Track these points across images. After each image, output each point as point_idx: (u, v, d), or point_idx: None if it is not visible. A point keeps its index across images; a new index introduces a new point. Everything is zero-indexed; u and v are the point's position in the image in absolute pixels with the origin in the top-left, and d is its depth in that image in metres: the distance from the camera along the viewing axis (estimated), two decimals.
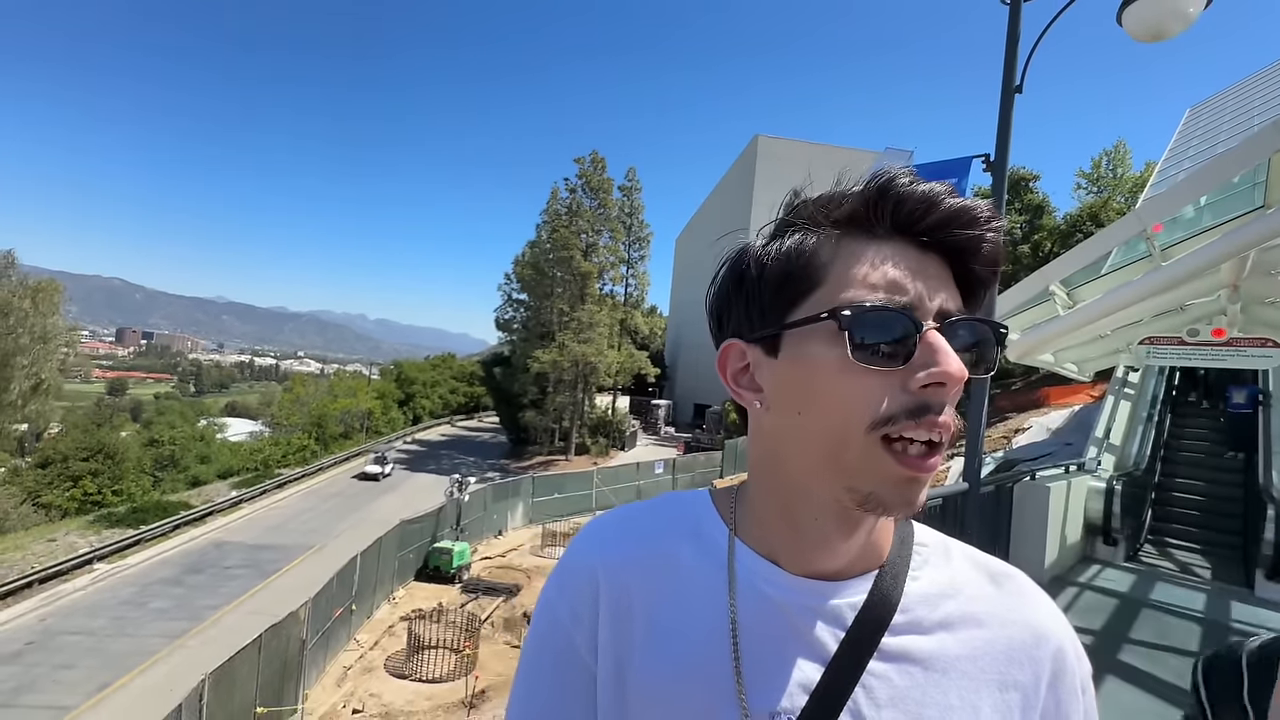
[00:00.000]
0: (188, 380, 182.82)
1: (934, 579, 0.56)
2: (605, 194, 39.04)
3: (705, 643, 0.54)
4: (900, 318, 0.47)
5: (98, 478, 27.39)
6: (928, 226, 0.49)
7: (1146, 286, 4.17)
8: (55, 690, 12.51)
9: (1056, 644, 0.55)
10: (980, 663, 0.53)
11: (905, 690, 0.51)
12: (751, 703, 0.51)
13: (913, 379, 0.47)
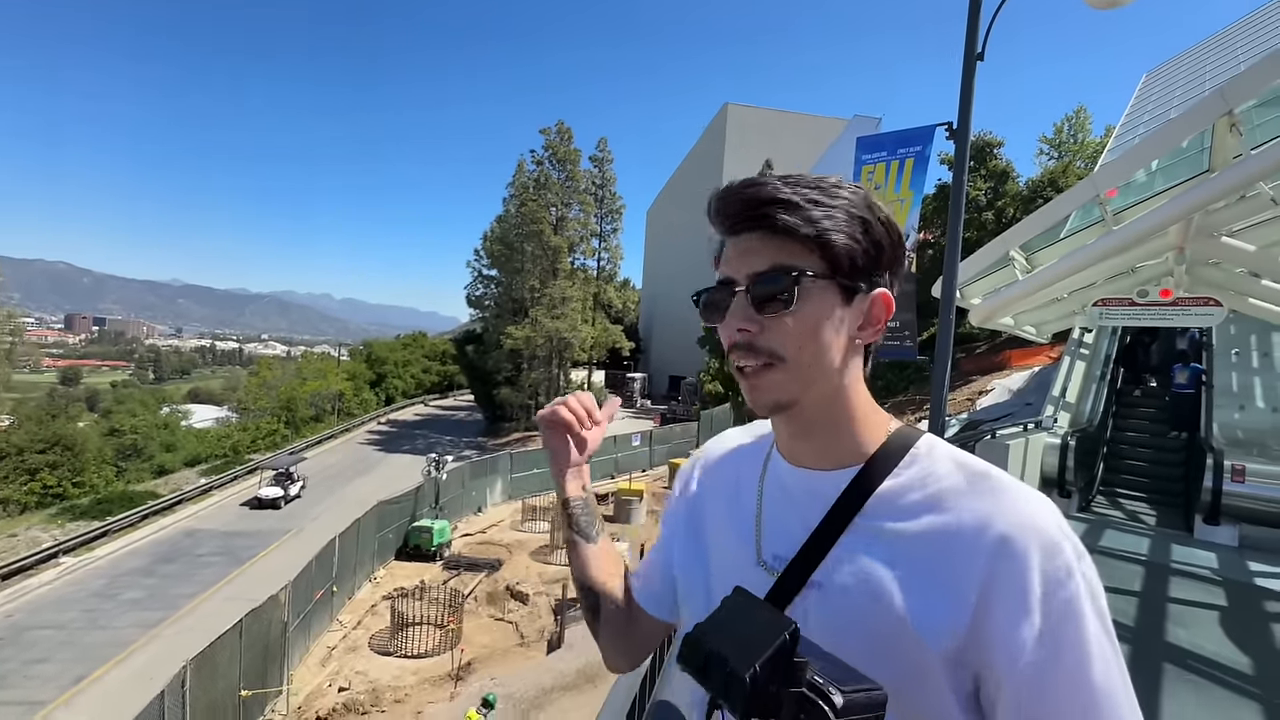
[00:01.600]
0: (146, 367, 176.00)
1: (911, 476, 0.71)
2: (573, 165, 38.37)
3: (745, 508, 0.82)
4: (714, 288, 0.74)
5: (56, 470, 26.46)
6: (722, 220, 0.74)
7: (1100, 250, 4.34)
8: (28, 685, 12.30)
9: (1001, 532, 0.62)
10: (929, 544, 0.66)
11: (863, 560, 0.69)
12: (763, 547, 0.78)
13: (721, 327, 0.73)
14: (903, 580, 0.65)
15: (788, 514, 0.76)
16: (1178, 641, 3.92)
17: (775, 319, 0.68)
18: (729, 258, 0.73)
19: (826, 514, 0.72)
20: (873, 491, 0.71)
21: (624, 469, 27.73)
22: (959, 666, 0.63)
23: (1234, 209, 4.55)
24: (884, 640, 0.64)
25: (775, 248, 0.69)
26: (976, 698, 0.64)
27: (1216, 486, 6.38)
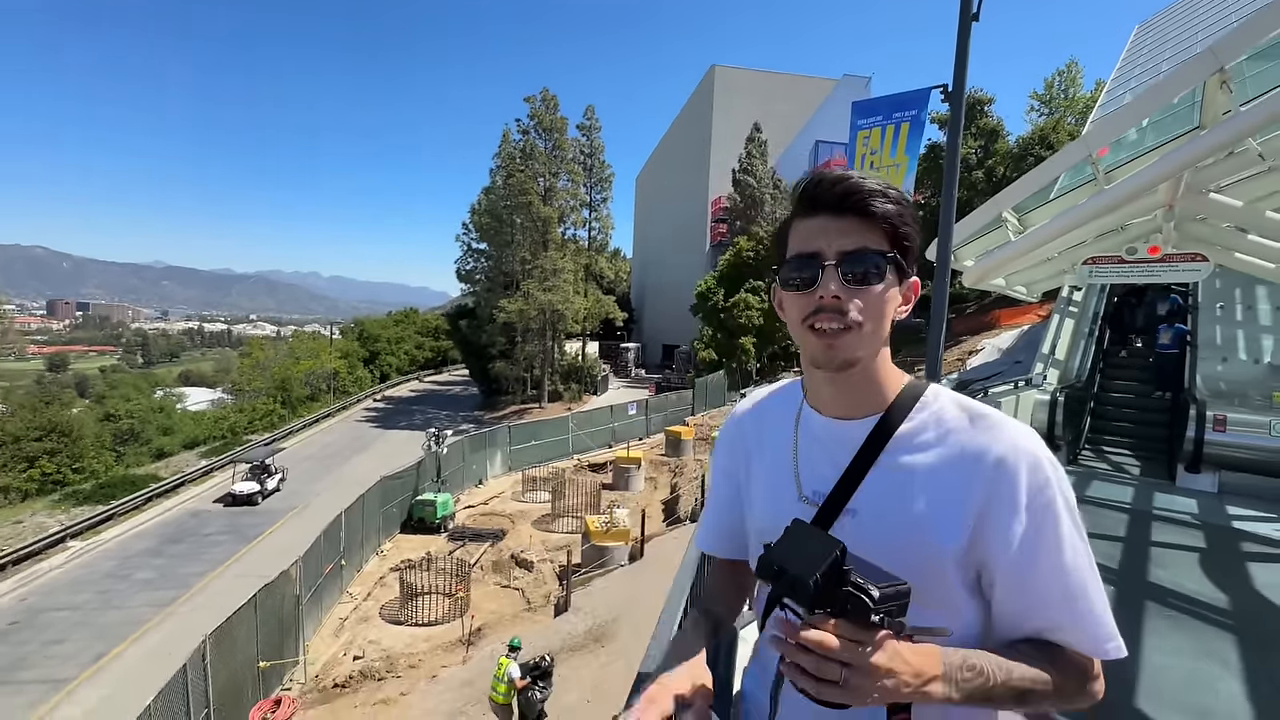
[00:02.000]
0: (134, 351, 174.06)
1: (923, 419, 0.88)
2: (560, 134, 37.62)
3: (783, 454, 0.99)
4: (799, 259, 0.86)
5: (55, 457, 26.47)
6: (813, 204, 0.86)
7: (1091, 209, 4.43)
8: (49, 664, 12.59)
9: (997, 457, 0.82)
10: (939, 472, 0.84)
11: (887, 489, 0.86)
12: (803, 485, 0.94)
13: (812, 296, 0.84)
14: (920, 502, 0.84)
15: (821, 457, 0.94)
16: (1159, 582, 4.16)
17: (860, 291, 0.83)
18: (813, 234, 0.86)
19: (855, 455, 0.89)
20: (892, 434, 0.88)
21: (621, 438, 28.05)
22: (966, 562, 0.83)
23: (1222, 165, 4.63)
24: (907, 549, 0.82)
25: (864, 232, 0.84)
26: (978, 584, 0.85)
27: (1199, 436, 6.62)
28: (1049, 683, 0.77)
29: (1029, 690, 0.76)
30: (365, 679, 11.77)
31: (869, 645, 0.65)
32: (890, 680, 0.66)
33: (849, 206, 0.83)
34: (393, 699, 11.01)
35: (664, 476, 23.04)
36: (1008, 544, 0.79)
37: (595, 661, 10.67)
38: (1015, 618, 0.82)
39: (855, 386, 0.90)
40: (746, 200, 38.96)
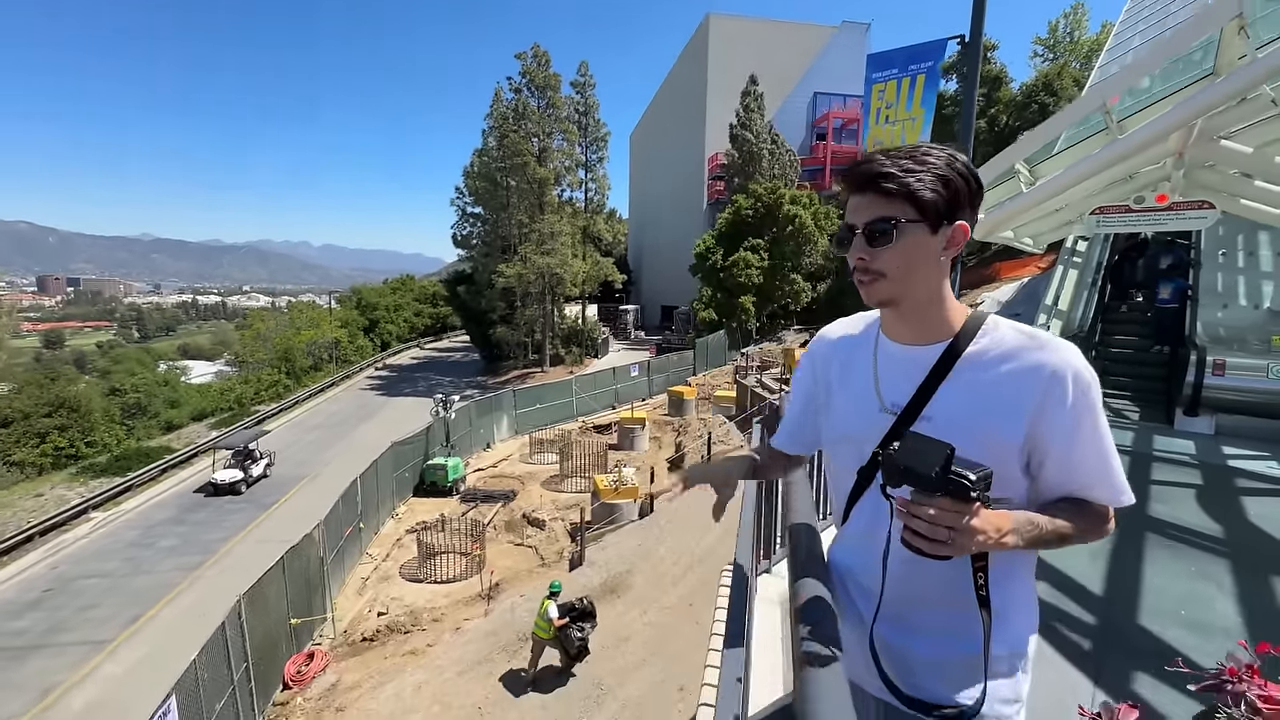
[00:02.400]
0: (129, 326, 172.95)
1: (985, 342, 1.09)
2: (553, 92, 36.63)
3: (864, 374, 1.20)
4: (844, 229, 1.10)
5: (66, 432, 26.79)
6: (848, 185, 1.10)
7: (1104, 159, 4.48)
8: (86, 627, 13.12)
9: (1051, 369, 1.02)
10: (1002, 384, 1.05)
11: (958, 399, 1.08)
12: (883, 398, 1.15)
13: (852, 256, 1.09)
14: (987, 408, 1.06)
15: (897, 376, 1.15)
16: (1159, 516, 4.41)
17: (880, 250, 1.05)
18: (851, 209, 1.09)
19: (928, 373, 1.10)
20: (959, 355, 1.08)
21: (624, 399, 28.39)
22: (1023, 450, 1.06)
23: (1234, 111, 4.66)
24: (976, 445, 1.01)
25: (880, 204, 1.04)
26: (1029, 466, 1.08)
27: (1198, 381, 6.83)
28: (1080, 527, 1.05)
29: (1067, 534, 1.03)
30: (392, 633, 12.30)
31: (968, 515, 0.90)
32: (980, 537, 0.91)
33: (866, 186, 1.06)
34: (420, 650, 11.54)
35: (668, 436, 23.44)
36: (1057, 434, 1.03)
37: (612, 611, 11.14)
38: (1059, 485, 1.07)
39: (919, 319, 1.12)
40: (744, 156, 38.27)
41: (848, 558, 1.28)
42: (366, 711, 9.82)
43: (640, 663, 9.44)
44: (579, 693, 9.15)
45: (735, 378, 25.12)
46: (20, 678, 11.68)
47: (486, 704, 9.33)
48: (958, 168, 1.04)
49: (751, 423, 19.17)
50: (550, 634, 9.25)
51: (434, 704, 9.64)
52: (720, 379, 28.47)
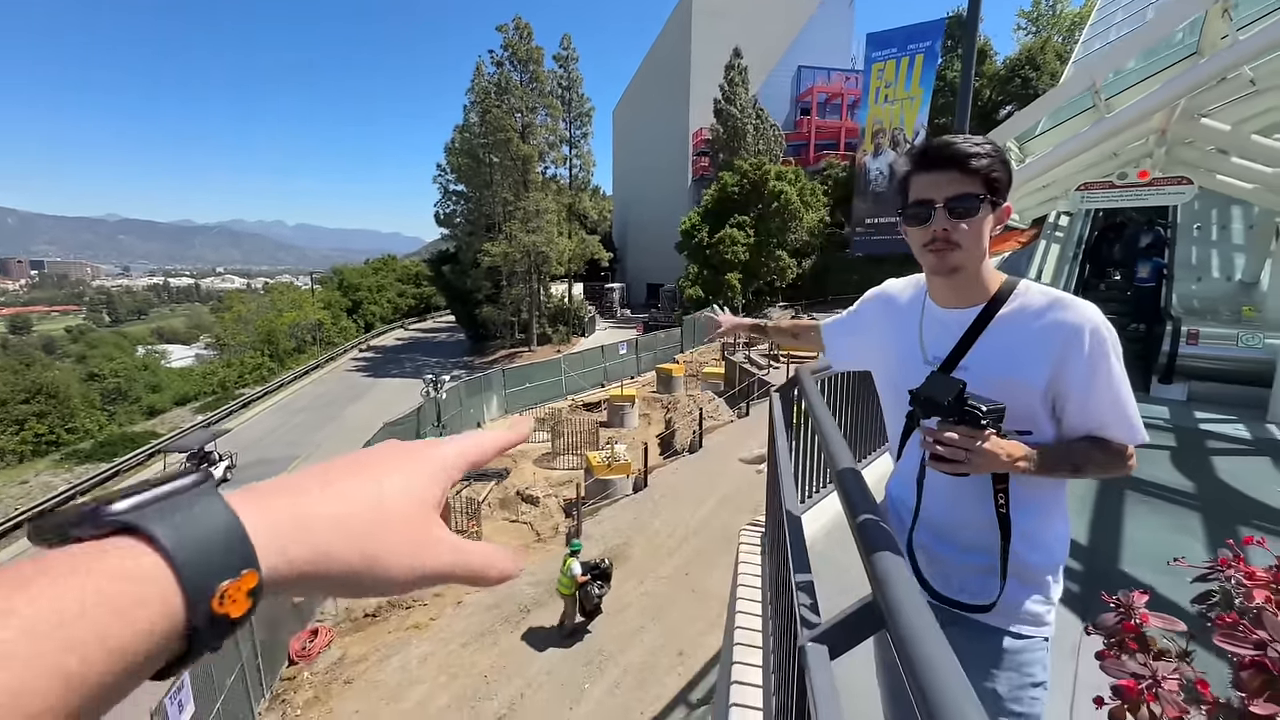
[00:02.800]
0: (99, 310, 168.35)
1: (1017, 304, 1.27)
2: (536, 65, 35.92)
3: (910, 330, 1.39)
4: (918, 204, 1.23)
5: (45, 418, 26.30)
6: (927, 164, 1.23)
7: (1093, 137, 4.67)
8: None
9: (1072, 325, 1.20)
10: (1030, 338, 1.23)
11: (991, 352, 1.26)
12: (926, 352, 1.35)
13: (929, 229, 1.22)
14: (1016, 359, 1.24)
15: (940, 333, 1.34)
16: (1136, 475, 4.71)
17: (959, 223, 1.21)
18: (927, 185, 1.23)
19: (966, 330, 1.29)
20: (993, 316, 1.27)
21: (613, 377, 28.57)
22: (1046, 396, 1.25)
23: (1214, 90, 4.87)
24: (1006, 390, 1.21)
25: (962, 182, 1.20)
26: (1053, 409, 1.27)
27: (1172, 350, 7.17)
28: (1097, 461, 1.22)
29: (1081, 465, 1.22)
30: (394, 608, 12.52)
31: (980, 439, 1.12)
32: (993, 459, 1.13)
33: (949, 164, 1.20)
34: (423, 624, 11.78)
35: (657, 413, 23.71)
36: (1075, 381, 1.20)
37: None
38: (1079, 425, 1.24)
39: (963, 285, 1.30)
40: (729, 131, 38.06)
41: (898, 488, 1.51)
42: (374, 683, 10.06)
43: (639, 629, 9.78)
44: (581, 658, 9.47)
45: (723, 354, 25.39)
46: None
47: (492, 673, 9.62)
48: (1004, 156, 1.23)
49: (740, 398, 19.49)
50: (571, 590, 9.68)
51: (440, 674, 9.91)
52: (708, 356, 28.74)
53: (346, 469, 0.38)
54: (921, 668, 0.76)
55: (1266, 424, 5.91)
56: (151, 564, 0.27)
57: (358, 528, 0.35)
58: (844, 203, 35.25)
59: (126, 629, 0.26)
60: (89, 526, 0.28)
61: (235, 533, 0.30)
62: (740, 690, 2.08)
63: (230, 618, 0.29)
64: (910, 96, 4.50)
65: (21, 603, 0.24)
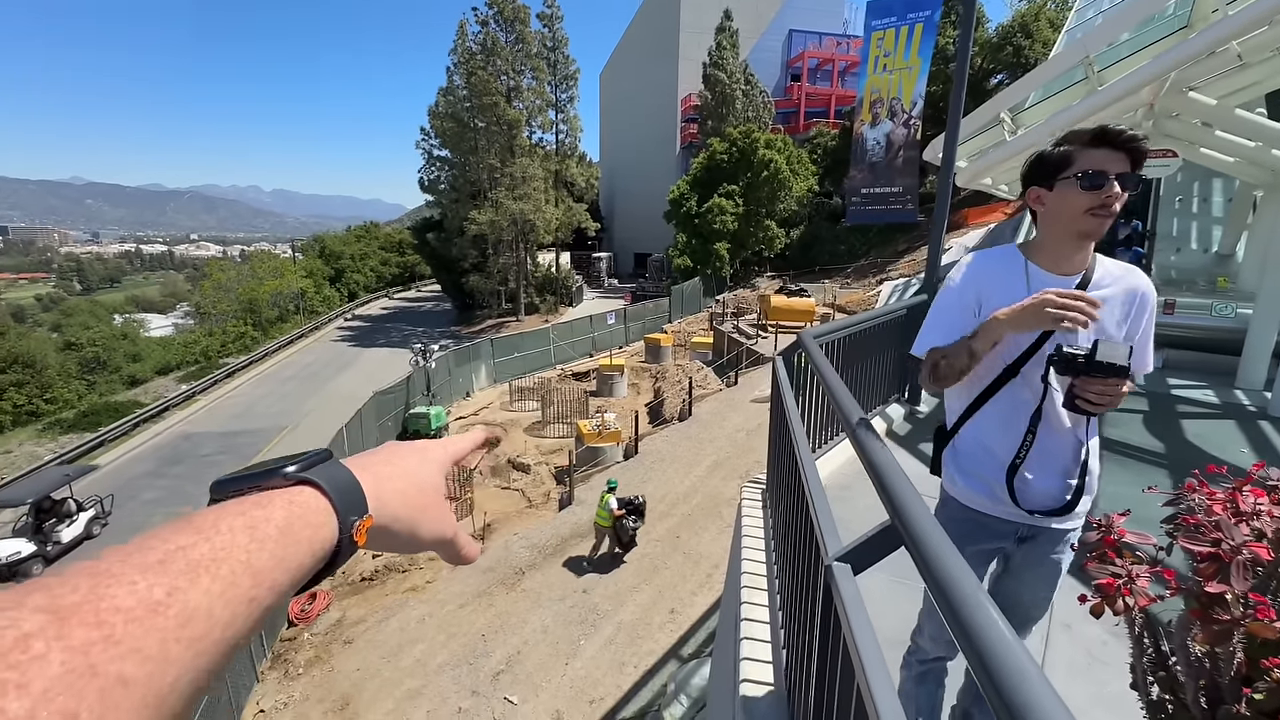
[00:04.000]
0: (69, 277, 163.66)
1: (1101, 272, 1.59)
2: (523, 25, 34.85)
3: (1018, 295, 1.54)
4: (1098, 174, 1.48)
5: (23, 388, 25.87)
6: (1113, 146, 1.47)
7: (1085, 109, 4.78)
8: None
9: (1144, 289, 1.59)
10: (1118, 299, 1.57)
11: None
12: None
13: (1102, 194, 1.47)
14: (1111, 313, 1.54)
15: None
16: (1111, 436, 4.99)
17: (1121, 196, 1.47)
18: (1103, 159, 1.46)
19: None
20: (1090, 282, 1.56)
21: (601, 347, 28.69)
22: (1127, 337, 1.54)
23: (1203, 64, 4.98)
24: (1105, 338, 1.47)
25: (1127, 163, 1.46)
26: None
27: None
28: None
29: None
30: (390, 572, 12.78)
31: (1121, 385, 1.40)
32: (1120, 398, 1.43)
33: (1124, 148, 1.46)
34: (420, 587, 12.07)
35: (646, 382, 23.94)
36: (1142, 330, 1.58)
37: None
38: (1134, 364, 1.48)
39: (1086, 251, 1.57)
40: (717, 98, 37.47)
41: (992, 433, 1.69)
42: (374, 642, 10.36)
43: (632, 589, 10.14)
44: (576, 617, 9.81)
45: (711, 324, 25.56)
46: None
47: (489, 632, 9.94)
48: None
49: (728, 368, 19.75)
50: (609, 523, 10.48)
51: (439, 633, 10.22)
52: (696, 325, 28.91)
53: (388, 459, 0.53)
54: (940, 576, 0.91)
55: (1234, 390, 6.22)
56: (324, 504, 0.42)
57: (412, 499, 0.51)
58: (833, 171, 35.12)
59: (311, 541, 0.40)
60: (279, 479, 0.42)
61: (358, 489, 0.45)
62: (749, 626, 2.28)
63: (357, 544, 0.44)
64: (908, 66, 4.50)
65: (270, 514, 0.38)
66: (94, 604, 0.27)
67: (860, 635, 0.96)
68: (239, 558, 0.34)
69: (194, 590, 0.31)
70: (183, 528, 0.34)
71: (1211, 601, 0.79)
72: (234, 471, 0.43)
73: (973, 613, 0.77)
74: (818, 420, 3.51)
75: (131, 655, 0.27)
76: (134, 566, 0.30)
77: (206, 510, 0.37)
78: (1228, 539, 0.82)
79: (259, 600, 0.34)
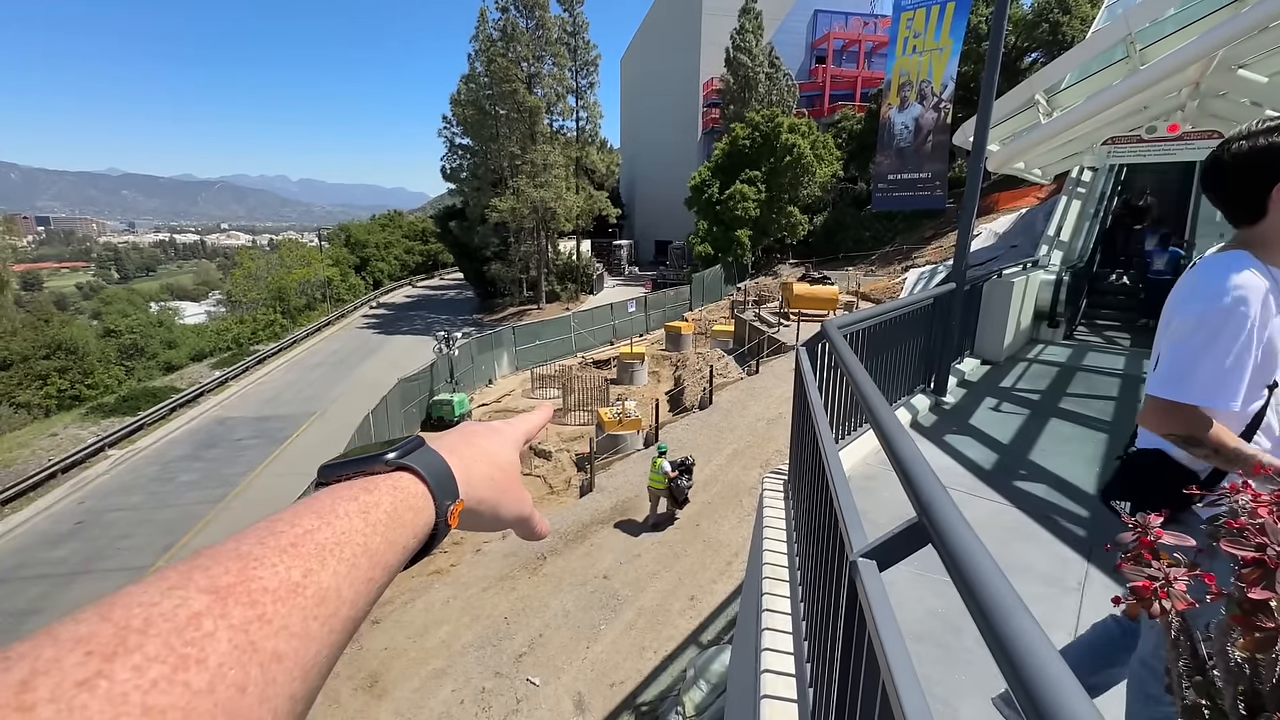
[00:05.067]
0: (107, 266, 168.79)
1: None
2: (543, 10, 34.61)
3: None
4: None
5: (66, 374, 26.87)
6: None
7: (1126, 89, 4.58)
8: (124, 555, 13.82)
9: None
10: None
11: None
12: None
13: None
14: None
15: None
16: None
17: None
18: None
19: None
20: None
21: (622, 335, 28.73)
22: None
23: (1253, 40, 4.73)
24: None
25: None
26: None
27: None
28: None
29: None
30: None
31: None
32: None
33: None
34: (444, 570, 12.32)
35: (666, 370, 23.94)
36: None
37: (623, 531, 11.89)
38: None
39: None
40: (740, 81, 36.85)
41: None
42: (400, 623, 10.63)
43: (653, 575, 10.22)
44: (598, 602, 9.93)
45: (733, 312, 25.38)
46: (69, 600, 12.43)
47: (512, 614, 10.12)
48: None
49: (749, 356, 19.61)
50: (664, 485, 11.18)
51: (463, 615, 10.44)
52: (717, 314, 28.74)
53: (471, 441, 0.54)
54: (970, 577, 0.88)
55: None
56: (423, 489, 0.44)
57: (498, 481, 0.53)
58: (858, 156, 34.38)
59: (414, 525, 0.42)
60: (381, 466, 0.44)
61: (451, 475, 0.47)
62: (770, 617, 2.28)
63: (451, 527, 0.46)
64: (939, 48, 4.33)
65: (378, 499, 0.40)
66: (246, 585, 0.29)
67: (886, 633, 0.96)
68: (357, 541, 0.37)
69: (324, 572, 0.33)
70: (303, 512, 0.37)
71: (1255, 608, 0.76)
72: (338, 456, 0.45)
73: (1006, 617, 0.76)
74: (842, 410, 3.48)
75: (281, 632, 0.29)
76: (272, 549, 0.32)
77: (320, 495, 0.39)
78: (1274, 543, 0.79)
79: (375, 580, 0.37)
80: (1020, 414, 5.21)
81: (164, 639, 0.25)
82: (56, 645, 0.24)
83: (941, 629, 2.50)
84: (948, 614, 2.55)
